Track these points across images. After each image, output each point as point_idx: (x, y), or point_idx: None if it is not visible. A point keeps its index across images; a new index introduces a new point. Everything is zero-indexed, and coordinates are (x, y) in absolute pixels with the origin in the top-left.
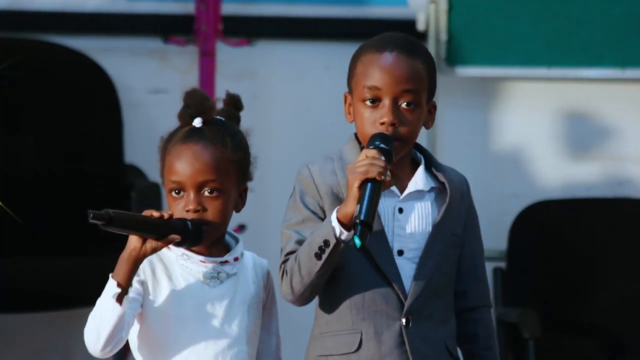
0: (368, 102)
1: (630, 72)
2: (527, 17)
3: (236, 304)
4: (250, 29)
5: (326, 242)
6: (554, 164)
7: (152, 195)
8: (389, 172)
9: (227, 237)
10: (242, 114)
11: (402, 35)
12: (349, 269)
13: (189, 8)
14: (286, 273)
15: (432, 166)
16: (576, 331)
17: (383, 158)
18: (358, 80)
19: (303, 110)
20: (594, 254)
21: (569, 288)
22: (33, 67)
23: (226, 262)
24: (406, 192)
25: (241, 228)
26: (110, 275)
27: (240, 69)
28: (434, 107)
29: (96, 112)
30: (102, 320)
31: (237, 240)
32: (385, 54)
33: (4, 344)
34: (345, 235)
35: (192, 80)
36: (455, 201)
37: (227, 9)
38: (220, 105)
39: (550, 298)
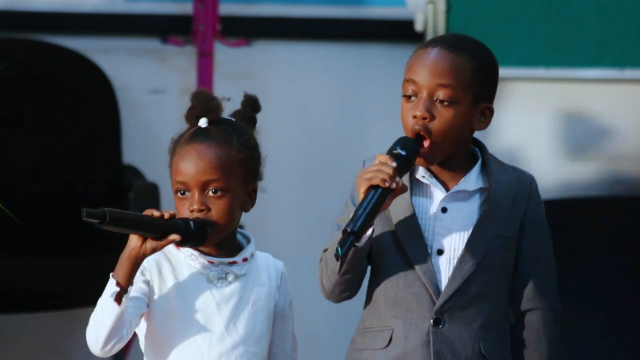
0: (407, 96)
1: (628, 73)
2: (526, 17)
3: (244, 305)
4: (248, 30)
5: None
6: (552, 164)
7: (151, 195)
8: (398, 179)
9: (239, 237)
10: None
11: (459, 34)
12: (386, 267)
13: (187, 8)
14: (320, 270)
15: (486, 166)
16: (576, 331)
17: (395, 164)
18: (404, 76)
19: (301, 110)
20: (593, 254)
21: (568, 287)
22: (31, 67)
23: (234, 262)
24: (450, 191)
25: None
26: (110, 274)
27: (238, 69)
28: (489, 109)
29: (94, 112)
30: (101, 319)
31: (249, 241)
32: (429, 49)
33: (4, 344)
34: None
35: (190, 80)
36: (504, 203)
37: (226, 9)
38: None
39: None
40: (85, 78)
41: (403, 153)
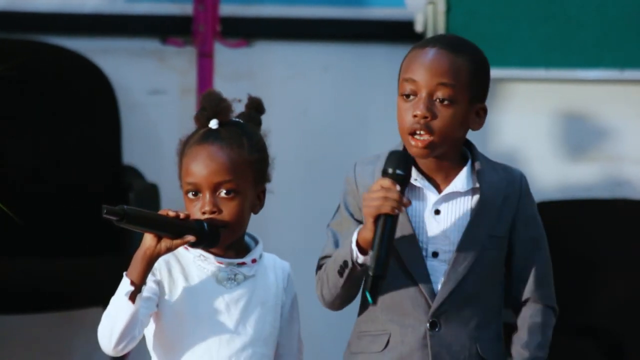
0: (405, 96)
1: (628, 73)
2: (526, 18)
3: (253, 306)
4: (248, 30)
5: (345, 263)
6: (552, 165)
7: (150, 196)
8: (405, 199)
9: (246, 239)
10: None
11: (455, 35)
12: None
13: (187, 9)
14: (319, 280)
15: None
16: (576, 332)
17: (398, 188)
18: (400, 75)
19: (301, 111)
20: (592, 255)
21: (568, 289)
22: (31, 68)
23: (243, 263)
24: (443, 193)
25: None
26: (124, 273)
27: (238, 70)
28: (484, 110)
29: (94, 113)
30: (115, 318)
31: (256, 242)
32: (427, 49)
33: (4, 344)
34: (361, 259)
35: (190, 81)
36: (494, 202)
37: (226, 9)
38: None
39: None
40: (85, 78)
41: (402, 173)
